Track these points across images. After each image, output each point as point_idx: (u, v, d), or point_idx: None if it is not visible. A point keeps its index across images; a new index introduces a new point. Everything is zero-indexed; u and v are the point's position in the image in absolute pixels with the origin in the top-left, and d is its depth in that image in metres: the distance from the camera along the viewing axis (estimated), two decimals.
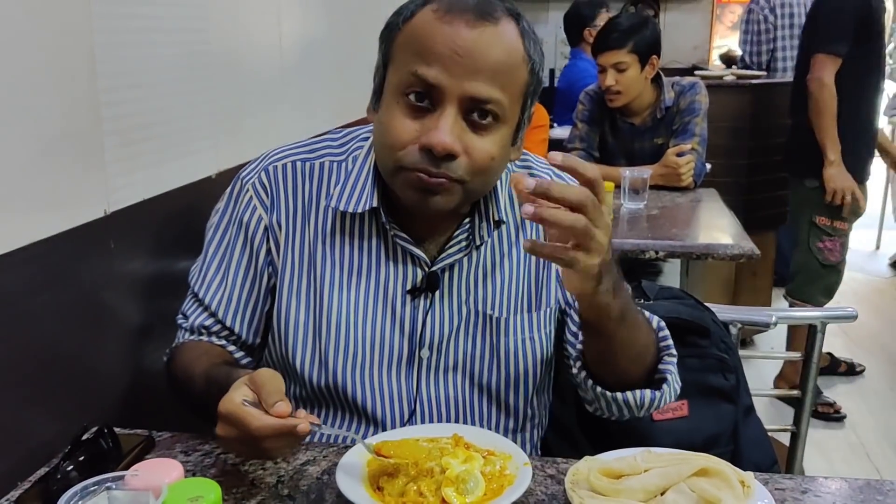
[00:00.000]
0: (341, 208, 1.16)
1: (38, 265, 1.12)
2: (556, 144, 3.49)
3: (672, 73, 3.33)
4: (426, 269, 1.18)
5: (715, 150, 3.04)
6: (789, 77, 3.96)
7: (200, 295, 1.22)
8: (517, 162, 1.23)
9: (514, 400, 1.23)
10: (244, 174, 1.22)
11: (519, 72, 1.08)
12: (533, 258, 1.22)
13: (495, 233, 1.20)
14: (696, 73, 4.19)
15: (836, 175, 3.13)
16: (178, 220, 1.47)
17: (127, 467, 1.02)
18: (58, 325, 1.17)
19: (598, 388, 1.13)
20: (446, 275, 1.19)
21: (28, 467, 1.09)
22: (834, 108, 3.08)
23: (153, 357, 1.38)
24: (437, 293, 1.18)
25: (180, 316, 1.25)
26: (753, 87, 3.97)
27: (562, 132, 3.52)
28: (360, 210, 1.15)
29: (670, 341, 1.17)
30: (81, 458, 1.02)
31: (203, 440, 1.14)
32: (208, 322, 1.22)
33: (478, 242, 1.18)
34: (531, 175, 1.13)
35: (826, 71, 3.08)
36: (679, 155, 2.84)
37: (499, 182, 1.18)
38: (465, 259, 1.19)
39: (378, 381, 1.18)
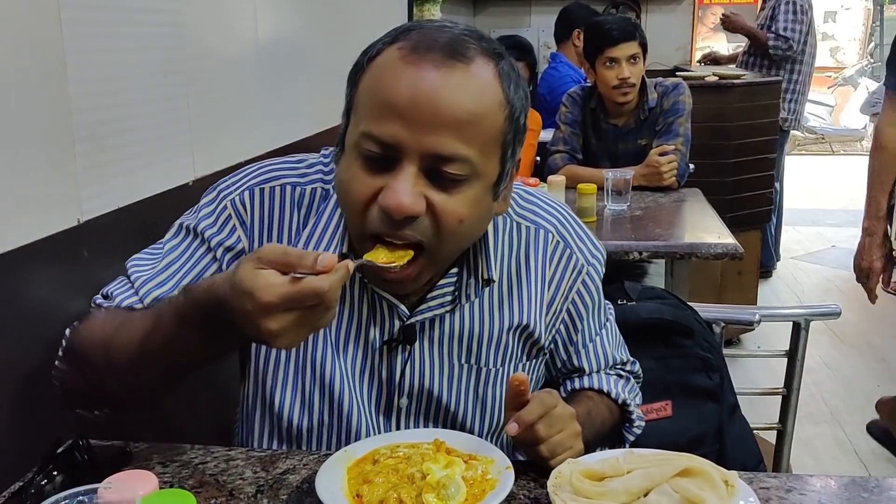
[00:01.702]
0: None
1: (10, 275, 1.10)
2: (538, 148, 3.49)
3: (654, 74, 3.33)
4: (403, 320, 1.11)
5: (698, 149, 3.03)
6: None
7: (136, 286, 1.09)
8: (517, 210, 1.16)
9: (493, 442, 1.19)
10: (225, 188, 1.13)
11: (492, 120, 0.97)
12: (526, 311, 1.15)
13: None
14: (679, 73, 4.20)
15: (859, 249, 2.47)
16: (154, 229, 1.43)
17: (103, 479, 1.00)
18: (32, 335, 1.15)
19: None
20: (426, 327, 1.12)
21: (2, 482, 1.07)
22: (883, 161, 2.34)
23: None
24: (417, 345, 1.13)
25: (100, 297, 1.12)
26: (736, 87, 3.98)
27: (545, 135, 3.53)
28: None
29: (638, 413, 1.25)
30: (56, 472, 1.00)
31: (181, 451, 1.12)
32: (138, 306, 1.08)
33: (463, 301, 1.12)
34: (534, 222, 1.15)
35: (886, 111, 2.38)
36: (662, 155, 2.85)
37: (491, 236, 1.11)
38: (448, 314, 1.12)
39: (356, 426, 1.14)
